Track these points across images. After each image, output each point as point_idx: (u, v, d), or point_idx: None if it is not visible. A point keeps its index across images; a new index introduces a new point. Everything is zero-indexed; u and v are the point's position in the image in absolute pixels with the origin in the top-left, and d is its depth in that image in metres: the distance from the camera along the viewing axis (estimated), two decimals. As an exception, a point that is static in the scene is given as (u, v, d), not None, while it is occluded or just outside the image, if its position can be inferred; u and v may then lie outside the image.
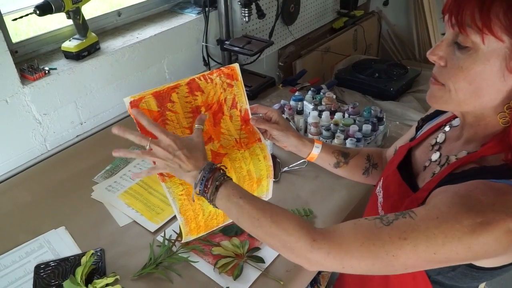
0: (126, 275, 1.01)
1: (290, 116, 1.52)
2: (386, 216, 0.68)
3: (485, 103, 0.69)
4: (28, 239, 1.12)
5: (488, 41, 0.63)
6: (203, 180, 0.78)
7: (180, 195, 0.87)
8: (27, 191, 1.29)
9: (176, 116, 0.87)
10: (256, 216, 0.73)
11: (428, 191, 0.73)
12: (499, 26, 0.61)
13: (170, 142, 0.78)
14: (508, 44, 0.62)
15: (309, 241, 0.68)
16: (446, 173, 0.73)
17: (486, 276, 0.74)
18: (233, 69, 0.92)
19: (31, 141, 1.40)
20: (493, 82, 0.65)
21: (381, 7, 3.07)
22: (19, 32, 1.49)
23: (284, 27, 2.22)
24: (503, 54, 0.63)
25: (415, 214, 0.65)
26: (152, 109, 0.84)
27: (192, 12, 1.81)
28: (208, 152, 0.91)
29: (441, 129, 0.87)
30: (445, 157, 0.78)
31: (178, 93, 0.87)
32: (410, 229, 0.63)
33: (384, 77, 2.03)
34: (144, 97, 0.83)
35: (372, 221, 0.68)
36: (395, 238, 0.64)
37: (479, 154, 0.71)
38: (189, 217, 0.89)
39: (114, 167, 1.39)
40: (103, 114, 1.59)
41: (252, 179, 0.97)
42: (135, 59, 1.61)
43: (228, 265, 1.02)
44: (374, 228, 0.66)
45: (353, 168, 1.06)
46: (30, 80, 1.33)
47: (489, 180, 0.65)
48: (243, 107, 0.95)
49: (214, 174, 0.79)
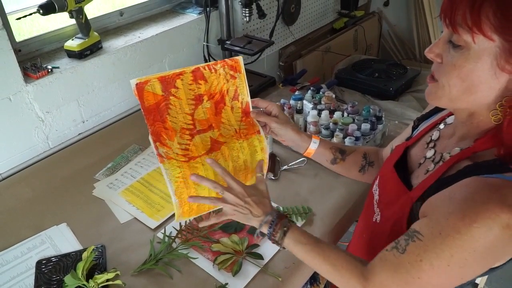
0: (126, 270, 1.02)
1: (290, 115, 1.53)
2: (399, 243, 0.73)
3: (478, 100, 0.70)
4: (30, 235, 1.13)
5: (479, 40, 0.64)
6: (272, 224, 0.85)
7: (177, 177, 0.88)
8: (30, 188, 1.31)
9: (179, 101, 0.89)
10: (319, 263, 0.81)
11: (422, 190, 0.75)
12: (489, 26, 0.63)
13: (240, 189, 0.85)
14: (499, 43, 0.63)
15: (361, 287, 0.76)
16: (441, 171, 0.75)
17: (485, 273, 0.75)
18: (237, 61, 0.94)
19: (33, 138, 1.42)
20: (485, 79, 0.67)
21: (381, 7, 3.08)
22: (22, 31, 1.51)
23: (285, 27, 2.23)
24: (494, 52, 0.64)
25: (422, 235, 0.69)
26: (157, 93, 0.86)
27: (193, 12, 1.82)
28: (207, 139, 0.93)
29: (436, 127, 0.89)
30: (439, 154, 0.80)
31: (183, 80, 0.89)
32: (422, 251, 0.68)
33: (384, 77, 2.04)
34: (150, 80, 0.85)
35: (391, 252, 0.73)
36: (414, 262, 0.69)
37: (471, 150, 0.73)
38: (183, 199, 0.90)
39: (115, 164, 1.40)
40: (105, 112, 1.61)
41: (247, 169, 0.98)
42: (137, 58, 1.62)
43: (227, 261, 1.03)
44: (395, 259, 0.72)
45: (350, 165, 1.08)
46: (33, 78, 1.35)
47: (483, 176, 0.67)
48: (245, 100, 0.97)
49: (281, 220, 0.85)
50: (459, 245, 0.64)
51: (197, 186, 0.91)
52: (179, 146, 0.89)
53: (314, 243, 0.83)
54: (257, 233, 0.90)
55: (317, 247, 0.82)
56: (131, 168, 1.39)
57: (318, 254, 0.81)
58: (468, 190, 0.66)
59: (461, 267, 0.66)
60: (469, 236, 0.63)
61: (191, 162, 0.90)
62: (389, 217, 0.83)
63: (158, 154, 0.87)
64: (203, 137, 0.92)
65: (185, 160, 0.89)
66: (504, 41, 0.63)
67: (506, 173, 0.66)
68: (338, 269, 0.78)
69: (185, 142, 0.89)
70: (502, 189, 0.64)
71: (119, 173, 1.37)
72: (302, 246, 0.83)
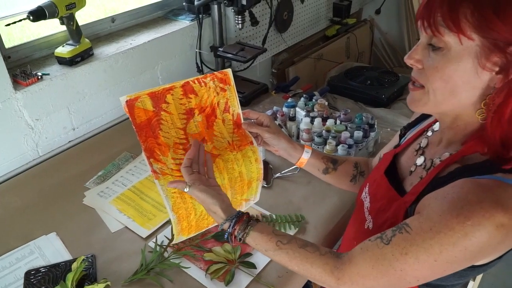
0: (117, 281, 1.01)
1: (282, 122, 1.53)
2: (385, 233, 0.72)
3: (462, 101, 0.71)
4: (18, 245, 1.11)
5: (459, 40, 0.65)
6: (235, 218, 0.82)
7: (173, 193, 0.88)
8: (18, 197, 1.29)
9: (170, 116, 0.88)
10: (286, 264, 0.79)
11: (416, 194, 0.75)
12: (468, 25, 0.64)
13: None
14: (478, 42, 0.64)
15: (335, 280, 0.74)
16: (433, 175, 0.75)
17: (473, 273, 0.76)
18: (226, 73, 0.95)
19: (23, 146, 1.40)
20: (468, 79, 0.68)
21: (373, 15, 3.10)
22: (12, 38, 1.49)
23: (277, 34, 2.24)
24: (475, 51, 0.65)
25: (410, 228, 0.69)
26: (148, 109, 0.85)
27: (186, 19, 1.82)
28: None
29: (423, 134, 0.89)
30: (430, 161, 0.80)
31: (173, 95, 0.88)
32: (409, 244, 0.68)
33: (376, 84, 2.05)
34: (140, 96, 0.85)
35: (374, 242, 0.72)
36: (398, 254, 0.68)
37: (460, 154, 0.73)
38: (181, 215, 0.90)
39: (106, 173, 1.38)
40: (96, 119, 1.59)
41: (243, 181, 0.98)
42: (129, 65, 1.61)
43: (220, 270, 1.02)
44: (377, 249, 0.71)
45: (342, 175, 1.08)
46: (22, 85, 1.33)
47: (474, 177, 0.67)
48: (235, 112, 0.97)
49: (244, 217, 0.83)
50: (451, 242, 0.64)
51: (194, 200, 0.90)
52: (174, 161, 0.88)
53: (276, 245, 0.80)
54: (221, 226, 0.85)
55: (281, 248, 0.79)
56: (122, 176, 1.37)
57: (286, 254, 0.79)
58: (461, 190, 0.67)
59: (448, 263, 0.66)
60: (462, 234, 0.63)
61: None
62: (382, 223, 0.83)
63: (153, 170, 0.86)
64: None
65: (181, 175, 0.88)
66: (483, 39, 0.64)
67: (496, 173, 0.66)
68: (311, 272, 0.77)
69: (179, 157, 0.89)
70: (494, 189, 0.64)
71: (110, 181, 1.35)
72: (265, 244, 0.80)
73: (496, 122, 0.68)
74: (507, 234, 0.62)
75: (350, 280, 0.73)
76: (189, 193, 0.83)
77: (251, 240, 0.82)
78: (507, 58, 0.64)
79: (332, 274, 0.74)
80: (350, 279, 0.73)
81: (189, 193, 0.83)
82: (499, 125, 0.67)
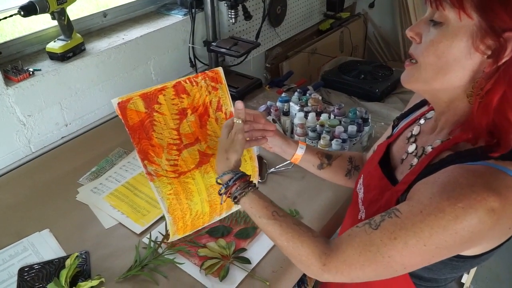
0: (111, 277, 1.00)
1: (276, 117, 1.53)
2: (373, 219, 0.71)
3: (451, 81, 0.71)
4: (11, 242, 1.11)
5: (458, 16, 0.65)
6: (235, 176, 0.84)
7: (169, 195, 0.88)
8: (11, 194, 1.28)
9: (163, 117, 0.88)
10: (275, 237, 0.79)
11: (407, 184, 0.75)
12: (470, 3, 0.63)
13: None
14: (477, 21, 0.64)
15: (320, 266, 0.73)
16: (424, 163, 0.75)
17: (465, 266, 0.76)
18: (217, 72, 0.94)
19: (15, 142, 1.38)
20: (459, 58, 0.67)
21: (367, 9, 3.10)
22: (3, 33, 1.48)
23: (271, 29, 2.23)
24: (471, 31, 0.65)
25: (400, 212, 0.68)
26: (140, 110, 0.85)
27: (179, 13, 1.81)
28: (195, 153, 0.92)
29: (416, 122, 0.90)
30: (421, 148, 0.80)
31: (165, 95, 0.88)
32: (398, 228, 0.66)
33: (370, 79, 2.06)
34: (132, 98, 0.84)
35: (362, 227, 0.71)
36: (386, 239, 0.67)
37: (452, 141, 0.73)
38: (176, 216, 0.90)
39: (99, 169, 1.38)
40: (89, 115, 1.58)
41: None
42: (121, 60, 1.60)
43: (214, 266, 1.02)
44: (365, 235, 0.69)
45: (336, 170, 1.08)
46: (14, 81, 1.32)
47: (466, 164, 0.67)
48: (228, 110, 0.97)
49: (244, 178, 0.84)
50: (441, 225, 0.63)
51: (190, 201, 0.90)
52: (168, 163, 0.88)
53: (272, 214, 0.81)
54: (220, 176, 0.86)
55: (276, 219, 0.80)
56: (115, 172, 1.36)
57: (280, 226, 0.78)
58: (451, 174, 0.66)
59: (438, 248, 0.64)
60: (453, 216, 0.62)
61: (181, 178, 0.90)
62: (374, 213, 0.82)
63: (148, 172, 0.86)
64: (191, 151, 0.91)
65: (175, 176, 0.88)
66: (482, 20, 0.64)
67: (488, 160, 0.66)
68: (297, 245, 0.75)
69: (173, 157, 0.89)
70: (486, 175, 0.64)
71: (104, 177, 1.34)
72: (260, 210, 0.81)
73: (482, 109, 0.67)
74: (497, 220, 0.61)
75: (335, 268, 0.71)
76: (235, 126, 0.85)
77: (247, 202, 0.82)
78: (500, 43, 0.63)
79: (320, 258, 0.73)
80: (335, 267, 0.71)
81: (235, 126, 0.85)
82: (486, 112, 0.67)
